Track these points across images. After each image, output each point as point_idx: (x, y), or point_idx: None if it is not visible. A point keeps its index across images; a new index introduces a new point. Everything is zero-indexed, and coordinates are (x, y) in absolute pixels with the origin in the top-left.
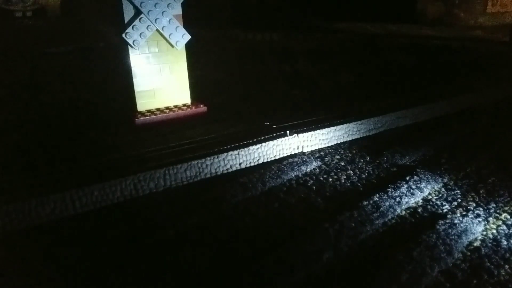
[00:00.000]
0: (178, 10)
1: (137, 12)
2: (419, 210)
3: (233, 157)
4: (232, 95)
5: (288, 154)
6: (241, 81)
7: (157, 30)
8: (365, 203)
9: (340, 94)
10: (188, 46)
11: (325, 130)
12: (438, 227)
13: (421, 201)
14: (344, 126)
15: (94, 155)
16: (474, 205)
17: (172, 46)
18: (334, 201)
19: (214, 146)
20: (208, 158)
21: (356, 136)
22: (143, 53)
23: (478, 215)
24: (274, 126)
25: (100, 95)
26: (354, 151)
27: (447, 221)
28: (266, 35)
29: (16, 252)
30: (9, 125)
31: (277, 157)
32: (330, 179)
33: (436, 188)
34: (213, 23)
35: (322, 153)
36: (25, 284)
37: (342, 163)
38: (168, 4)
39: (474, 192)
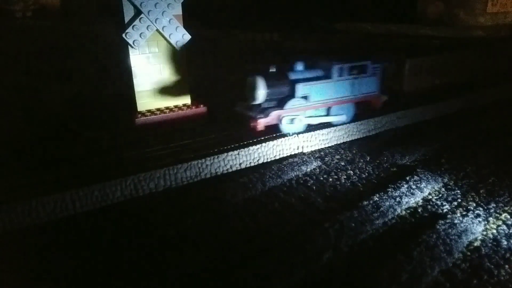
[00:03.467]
0: (178, 10)
1: (137, 12)
2: (419, 210)
3: (233, 157)
4: (232, 95)
5: (288, 154)
6: (241, 81)
7: (157, 30)
8: (365, 203)
9: None
10: (188, 46)
11: (325, 131)
12: (438, 227)
13: (421, 201)
14: (344, 126)
15: (94, 155)
16: (474, 205)
17: (172, 46)
18: (334, 201)
19: (214, 146)
20: (208, 158)
21: (356, 137)
22: (143, 53)
23: (478, 215)
24: None
25: (100, 95)
26: (354, 151)
27: (447, 221)
28: (266, 35)
29: (16, 252)
30: (9, 125)
31: (277, 157)
32: (330, 179)
33: (436, 188)
34: (213, 23)
35: (322, 153)
36: (25, 283)
37: (342, 163)
38: (168, 4)
39: (474, 192)
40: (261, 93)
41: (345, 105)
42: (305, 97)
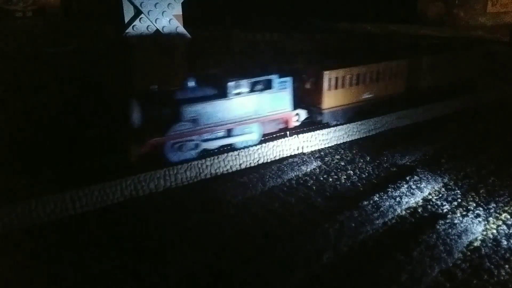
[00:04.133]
0: (178, 10)
1: (137, 12)
2: (419, 210)
3: (233, 158)
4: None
5: (288, 154)
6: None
7: (157, 30)
8: (365, 203)
9: None
10: (188, 46)
11: (325, 131)
12: (438, 227)
13: (421, 201)
14: (344, 126)
15: (94, 156)
16: (474, 205)
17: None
18: (334, 201)
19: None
20: (208, 159)
21: (356, 137)
22: (143, 53)
23: (478, 215)
24: None
25: (100, 95)
26: (354, 151)
27: (447, 221)
28: (266, 35)
29: (16, 252)
30: (9, 125)
31: (277, 158)
32: (330, 179)
33: (436, 188)
34: (213, 23)
35: (322, 153)
36: (25, 283)
37: (342, 163)
38: (168, 4)
39: (474, 192)
40: (134, 117)
41: (251, 124)
42: (194, 120)
